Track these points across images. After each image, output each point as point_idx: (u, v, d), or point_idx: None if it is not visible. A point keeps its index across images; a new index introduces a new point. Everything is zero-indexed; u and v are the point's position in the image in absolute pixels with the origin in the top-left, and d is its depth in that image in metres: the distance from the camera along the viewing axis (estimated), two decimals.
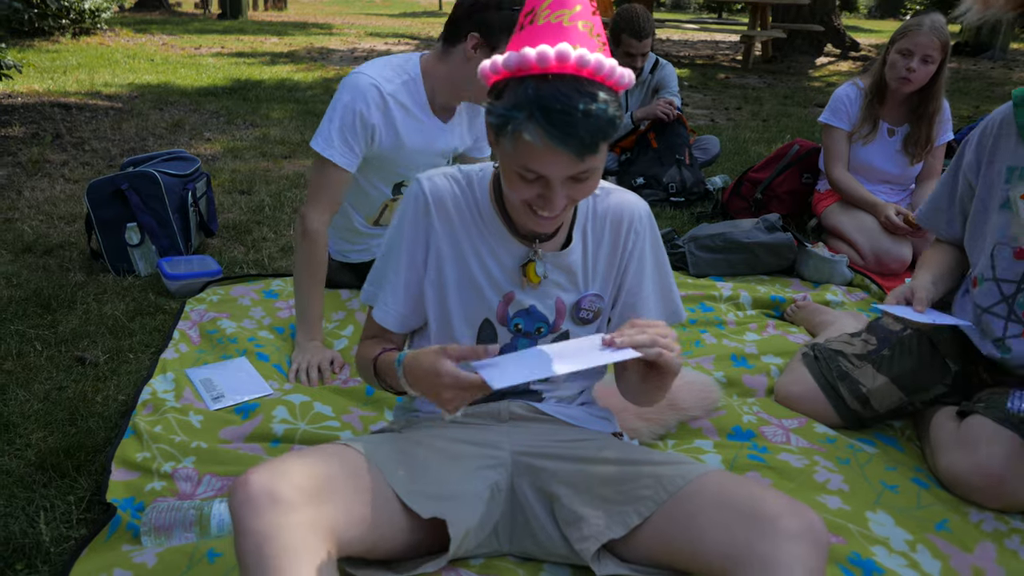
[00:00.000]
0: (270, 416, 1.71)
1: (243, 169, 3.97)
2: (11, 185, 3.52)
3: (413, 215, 1.27)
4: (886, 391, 1.74)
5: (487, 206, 1.26)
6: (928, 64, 2.70)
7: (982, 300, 1.66)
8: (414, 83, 1.99)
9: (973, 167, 1.72)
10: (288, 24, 14.03)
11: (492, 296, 1.28)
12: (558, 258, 1.27)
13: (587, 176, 1.09)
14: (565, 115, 1.00)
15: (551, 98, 1.00)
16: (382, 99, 1.93)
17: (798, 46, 10.27)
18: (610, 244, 1.30)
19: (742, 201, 3.35)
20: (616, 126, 1.05)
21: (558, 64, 1.01)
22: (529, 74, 1.03)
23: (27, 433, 1.69)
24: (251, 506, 0.98)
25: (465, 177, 1.28)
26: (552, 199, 1.09)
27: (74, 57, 7.95)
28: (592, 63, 1.01)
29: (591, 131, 1.01)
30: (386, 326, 1.32)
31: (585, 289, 1.30)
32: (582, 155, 1.03)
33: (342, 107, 1.92)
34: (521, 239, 1.26)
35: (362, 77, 1.93)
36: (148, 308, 2.30)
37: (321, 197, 1.98)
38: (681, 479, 1.17)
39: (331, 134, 1.93)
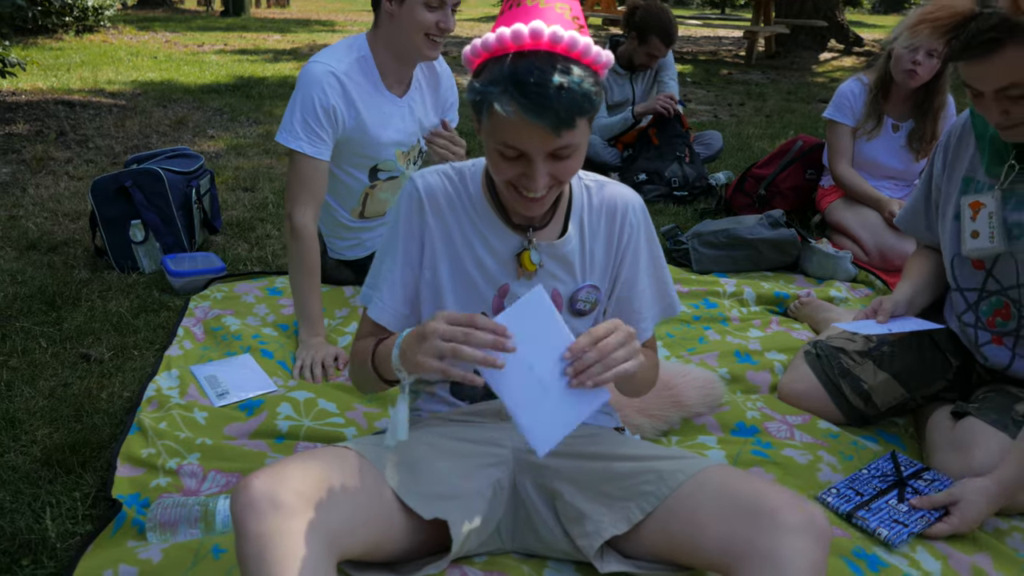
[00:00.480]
0: (274, 413, 1.72)
1: (246, 166, 3.97)
2: (15, 182, 3.53)
3: (407, 213, 1.28)
4: (888, 387, 1.74)
5: (480, 198, 1.26)
6: (933, 58, 2.69)
7: (955, 308, 1.68)
8: (365, 61, 2.03)
9: (940, 173, 1.70)
10: (291, 21, 14.02)
11: (487, 289, 1.28)
12: (553, 248, 1.27)
13: (568, 153, 1.09)
14: (538, 87, 1.01)
15: (525, 72, 1.02)
16: (337, 81, 1.97)
17: (801, 42, 10.24)
18: (606, 236, 1.31)
19: (745, 197, 3.34)
20: (593, 102, 1.05)
21: (532, 41, 1.03)
22: (507, 52, 1.05)
23: (33, 429, 1.70)
24: (252, 510, 0.99)
25: (457, 172, 1.29)
26: (534, 177, 1.09)
27: (78, 55, 7.96)
28: (566, 39, 1.03)
29: (566, 105, 1.02)
30: (382, 324, 1.30)
31: (582, 280, 1.30)
32: (558, 129, 1.04)
33: (300, 97, 1.96)
34: (515, 228, 1.26)
35: (315, 65, 1.97)
36: (152, 305, 2.31)
37: (300, 192, 1.99)
38: (682, 474, 1.17)
39: (294, 125, 1.96)
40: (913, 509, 1.45)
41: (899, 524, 1.42)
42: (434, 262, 1.28)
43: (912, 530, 1.40)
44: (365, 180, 2.16)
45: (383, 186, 2.19)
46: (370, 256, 2.32)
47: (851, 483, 1.53)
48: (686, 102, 4.23)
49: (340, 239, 2.32)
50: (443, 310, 1.10)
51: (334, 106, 1.96)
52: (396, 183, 2.21)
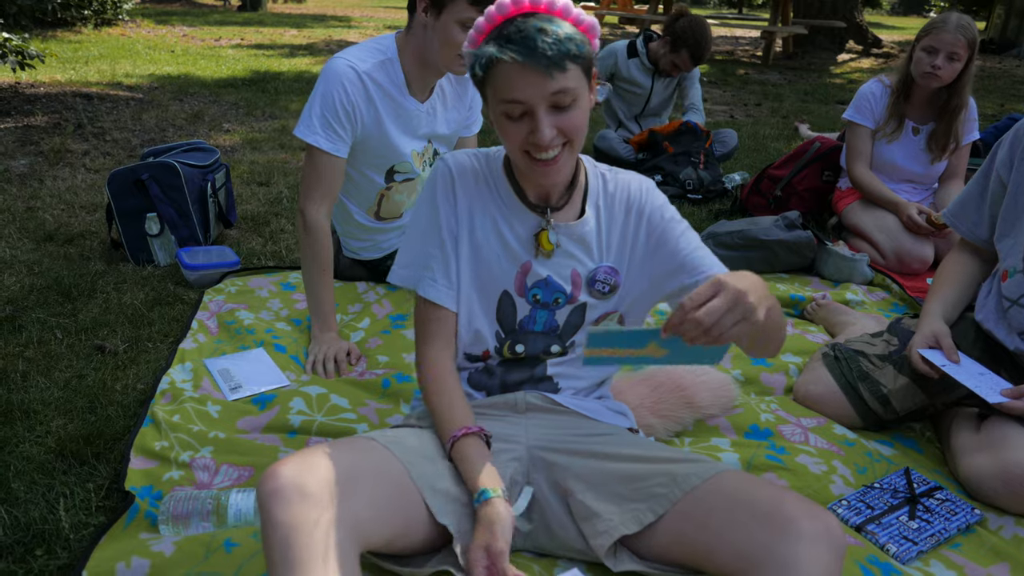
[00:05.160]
0: (287, 407, 1.72)
1: (262, 161, 3.98)
2: (33, 174, 3.56)
3: (443, 190, 1.32)
4: (907, 392, 1.72)
5: (502, 180, 1.32)
6: (954, 62, 2.66)
7: (1011, 292, 1.65)
8: (391, 63, 2.01)
9: (1006, 164, 1.71)
10: (307, 17, 14.06)
11: (509, 266, 1.31)
12: (571, 229, 1.30)
13: (567, 101, 1.15)
14: (522, 35, 1.11)
15: (512, 29, 1.12)
16: (359, 79, 1.95)
17: (819, 42, 10.16)
18: (622, 220, 1.33)
19: (761, 198, 3.32)
20: (580, 48, 1.14)
21: (515, 7, 1.14)
22: (495, 25, 1.15)
23: (47, 420, 1.70)
24: (280, 498, 0.99)
25: (483, 155, 1.35)
26: (540, 128, 1.14)
27: (96, 48, 8.01)
28: (544, 1, 1.14)
29: (551, 45, 1.10)
30: (445, 305, 1.32)
31: (600, 261, 1.32)
32: (550, 70, 1.11)
33: (321, 92, 1.95)
34: (533, 209, 1.30)
35: (338, 61, 1.96)
36: (167, 298, 2.32)
37: (314, 187, 1.98)
38: (696, 477, 1.16)
39: (312, 120, 1.95)
40: (924, 527, 1.43)
41: (908, 541, 1.40)
42: (464, 236, 1.32)
43: (921, 548, 1.39)
44: (381, 182, 2.15)
45: (398, 188, 2.18)
46: (385, 257, 2.32)
47: (863, 496, 1.51)
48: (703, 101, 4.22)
49: (355, 239, 2.32)
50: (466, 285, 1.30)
51: (354, 104, 1.95)
52: (411, 185, 2.20)
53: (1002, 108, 6.60)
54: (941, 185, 2.96)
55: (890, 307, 2.47)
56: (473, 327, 1.33)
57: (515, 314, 1.33)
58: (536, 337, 1.34)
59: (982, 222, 1.78)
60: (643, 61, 3.80)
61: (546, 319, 1.33)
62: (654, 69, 3.80)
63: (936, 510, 1.48)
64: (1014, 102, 7.02)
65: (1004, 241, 1.71)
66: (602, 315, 1.36)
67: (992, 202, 1.75)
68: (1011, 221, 1.69)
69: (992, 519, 1.50)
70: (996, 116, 5.97)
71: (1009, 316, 1.65)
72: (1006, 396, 1.54)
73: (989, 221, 1.77)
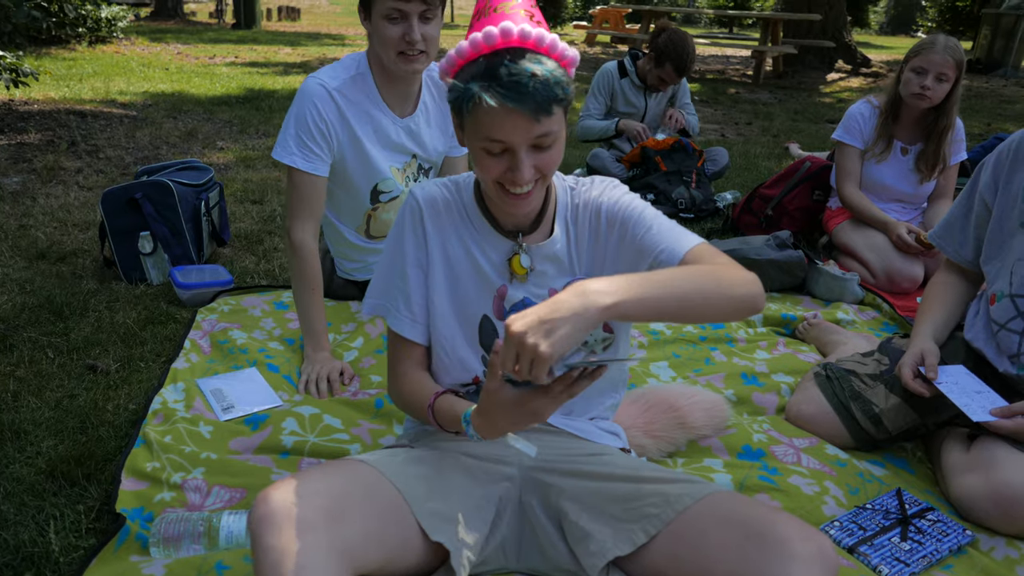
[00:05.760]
0: (279, 428, 1.71)
1: (255, 179, 3.99)
2: (26, 192, 3.55)
3: (411, 224, 1.32)
4: (899, 411, 1.73)
5: (472, 206, 1.32)
6: (943, 82, 2.70)
7: (999, 316, 1.66)
8: (362, 78, 2.03)
9: (990, 188, 1.73)
10: (301, 35, 14.13)
11: (485, 292, 1.32)
12: (542, 249, 1.31)
13: (549, 142, 1.14)
14: (513, 77, 1.08)
15: (500, 65, 1.09)
16: (330, 96, 1.98)
17: (809, 62, 10.28)
18: (590, 229, 1.33)
19: (752, 217, 3.34)
20: (565, 91, 1.11)
21: (503, 39, 1.10)
22: (481, 54, 1.12)
23: (38, 441, 1.69)
24: (271, 523, 0.99)
25: (453, 183, 1.35)
26: (519, 169, 1.14)
27: (90, 65, 8.03)
28: (533, 35, 1.11)
29: (541, 91, 1.08)
30: (411, 338, 1.33)
31: (573, 274, 1.33)
32: (537, 115, 1.09)
33: (295, 113, 1.98)
34: (506, 234, 1.30)
35: (309, 80, 1.99)
36: (160, 317, 2.32)
37: (297, 208, 2.00)
38: (689, 498, 1.16)
39: (288, 141, 1.98)
40: (916, 548, 1.44)
41: (900, 563, 1.40)
42: (437, 265, 1.32)
43: (914, 570, 1.39)
44: (367, 201, 2.16)
45: (385, 207, 2.19)
46: None
47: (855, 517, 1.52)
48: None
49: (348, 260, 2.32)
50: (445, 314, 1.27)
51: (327, 122, 1.97)
52: (398, 202, 2.20)
53: (989, 127, 6.68)
54: (930, 204, 2.99)
55: (881, 326, 2.49)
56: (457, 355, 1.33)
57: (497, 336, 1.33)
58: None
59: (967, 243, 1.80)
60: (633, 80, 3.85)
61: None
62: (644, 86, 3.85)
63: (928, 531, 1.48)
64: (1000, 121, 7.10)
65: (991, 264, 1.72)
66: None
67: (977, 224, 1.78)
68: (997, 244, 1.71)
69: (984, 540, 1.50)
70: (983, 135, 6.03)
71: (998, 339, 1.66)
72: (995, 415, 1.55)
73: (975, 243, 1.79)
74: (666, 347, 2.26)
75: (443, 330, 1.33)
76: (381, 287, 1.36)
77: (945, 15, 17.90)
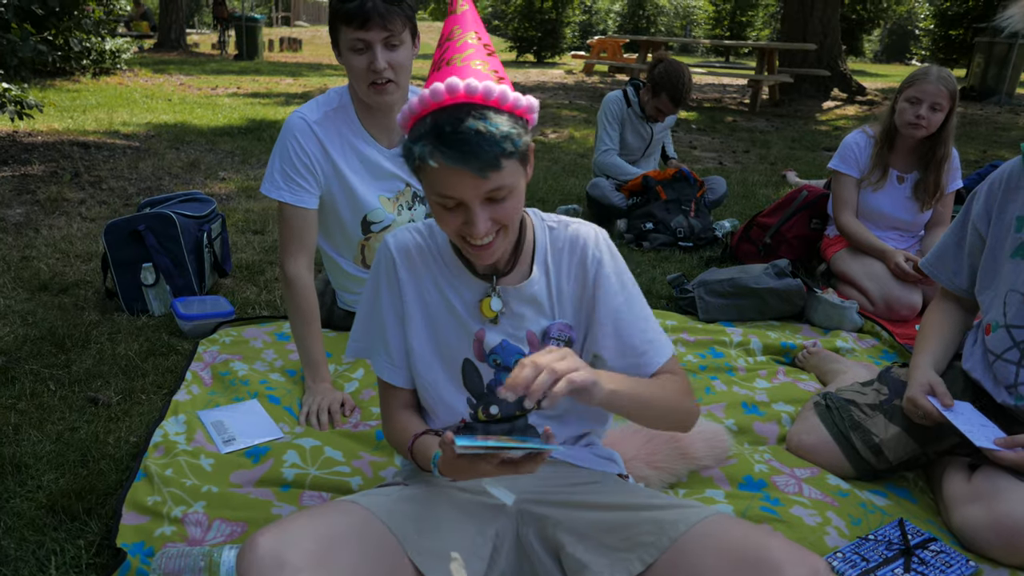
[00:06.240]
0: (280, 460, 1.71)
1: (257, 208, 4.02)
2: (29, 223, 3.58)
3: (386, 274, 1.33)
4: (899, 441, 1.73)
5: (447, 249, 1.31)
6: (937, 112, 2.73)
7: (994, 346, 1.67)
8: (344, 110, 2.06)
9: (983, 218, 1.74)
10: (302, 65, 14.30)
11: (464, 335, 1.31)
12: (520, 291, 1.30)
13: (502, 195, 1.12)
14: (456, 135, 1.05)
15: (444, 123, 1.06)
16: (310, 130, 2.01)
17: (805, 90, 10.40)
18: (574, 275, 1.32)
19: (751, 245, 3.36)
20: (515, 143, 1.09)
21: (449, 95, 1.07)
22: (429, 111, 1.10)
23: (39, 475, 1.69)
24: (258, 570, 0.99)
25: (427, 227, 1.35)
26: (474, 223, 1.13)
27: (94, 96, 8.12)
28: (480, 89, 1.08)
29: (485, 147, 1.06)
30: (393, 383, 1.36)
31: (554, 318, 1.32)
32: (484, 172, 1.07)
33: (279, 148, 2.03)
34: (481, 277, 1.30)
35: (291, 116, 2.04)
36: (161, 348, 2.32)
37: (289, 241, 2.04)
38: (683, 523, 1.16)
39: (275, 176, 2.03)
40: None
41: None
42: (414, 313, 1.32)
43: None
44: (359, 232, 2.17)
45: (377, 237, 2.20)
46: None
47: (857, 548, 1.51)
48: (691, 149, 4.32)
49: (348, 292, 2.34)
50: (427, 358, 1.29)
51: (310, 155, 2.01)
52: (391, 232, 2.21)
53: (984, 154, 6.73)
54: (927, 232, 3.02)
55: (880, 354, 2.50)
56: (442, 399, 1.33)
57: (481, 379, 1.33)
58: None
59: (961, 272, 1.81)
60: (636, 110, 3.90)
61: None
62: (644, 116, 3.91)
63: (931, 562, 1.48)
64: (996, 148, 7.16)
65: (985, 294, 1.74)
66: None
67: (971, 253, 1.79)
68: (991, 274, 1.72)
69: (987, 571, 1.49)
70: (979, 162, 6.08)
71: (995, 369, 1.67)
72: (999, 445, 1.55)
73: (969, 271, 1.80)
74: None
75: (426, 375, 1.33)
76: (361, 331, 1.39)
77: (939, 43, 18.12)
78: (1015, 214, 1.67)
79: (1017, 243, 1.65)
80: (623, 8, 27.81)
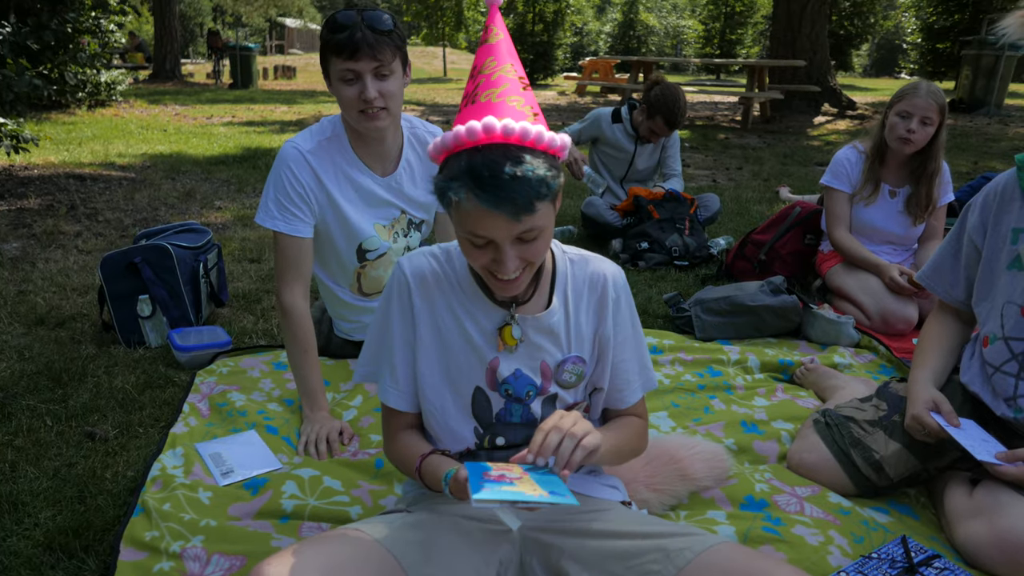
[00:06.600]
0: (279, 492, 1.70)
1: (253, 237, 4.03)
2: (25, 257, 3.58)
3: (398, 298, 1.32)
4: (900, 457, 1.72)
5: (465, 276, 1.31)
6: (927, 126, 2.76)
7: (993, 359, 1.67)
8: (337, 139, 2.07)
9: (978, 230, 1.74)
10: (297, 92, 14.40)
11: (478, 363, 1.31)
12: (539, 321, 1.30)
13: (533, 236, 1.13)
14: (494, 179, 1.05)
15: (480, 166, 1.06)
16: (303, 158, 2.03)
17: (796, 106, 10.49)
18: (591, 309, 1.34)
19: (746, 263, 3.38)
20: (550, 186, 1.09)
21: (485, 135, 1.07)
22: (464, 148, 1.09)
23: (35, 512, 1.68)
24: None
25: (444, 252, 1.34)
26: (503, 261, 1.14)
27: (89, 129, 8.16)
28: (517, 130, 1.08)
29: (521, 192, 1.06)
30: (397, 407, 1.35)
31: (568, 351, 1.33)
32: (518, 216, 1.08)
33: (273, 178, 2.04)
34: (499, 304, 1.30)
35: (285, 146, 2.05)
36: (158, 380, 2.32)
37: (284, 270, 2.04)
38: (690, 552, 1.16)
39: (269, 206, 2.04)
40: None
41: None
42: (427, 339, 1.32)
43: None
44: (354, 260, 2.17)
45: (373, 265, 2.20)
46: None
47: (861, 567, 1.50)
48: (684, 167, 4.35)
49: (344, 320, 2.33)
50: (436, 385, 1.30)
51: (303, 184, 2.02)
52: (386, 259, 2.21)
53: (976, 166, 6.78)
54: (920, 245, 3.03)
55: (878, 369, 2.50)
56: (448, 426, 1.33)
57: (490, 408, 1.33)
58: (515, 428, 1.34)
59: (958, 283, 1.82)
60: (626, 127, 3.95)
61: (522, 412, 1.33)
62: (636, 136, 3.95)
63: None
64: (987, 159, 7.22)
65: (982, 305, 1.74)
66: (571, 405, 1.36)
67: (967, 265, 1.79)
68: (987, 286, 1.72)
69: None
70: (971, 174, 6.12)
71: (993, 382, 1.67)
72: (1000, 459, 1.55)
73: (966, 283, 1.80)
74: (665, 396, 2.26)
75: (434, 401, 1.33)
76: (369, 355, 1.39)
77: (926, 57, 18.33)
78: (1010, 226, 1.68)
79: (1013, 255, 1.65)
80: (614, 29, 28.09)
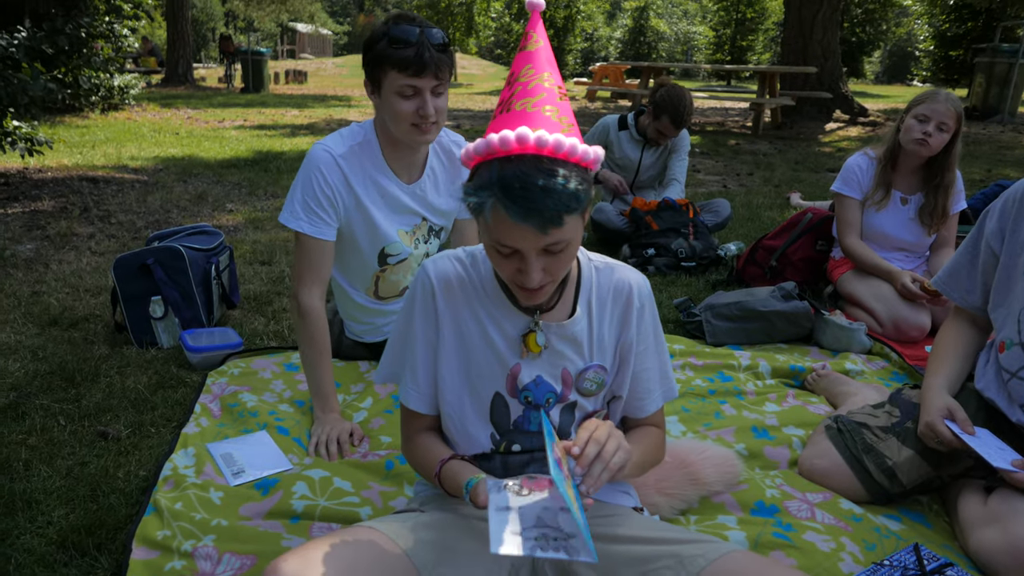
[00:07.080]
0: (290, 492, 1.71)
1: (264, 240, 4.05)
2: (39, 258, 3.61)
3: (422, 301, 1.32)
4: (913, 464, 1.71)
5: (490, 281, 1.31)
6: (943, 132, 2.75)
7: (1009, 364, 1.66)
8: (369, 145, 2.07)
9: (996, 236, 1.73)
10: (308, 97, 14.48)
11: (499, 369, 1.30)
12: (562, 329, 1.30)
13: (560, 248, 1.13)
14: (524, 191, 1.05)
15: (512, 177, 1.05)
16: (335, 163, 2.02)
17: (807, 112, 10.46)
18: (615, 318, 1.34)
19: (757, 268, 3.37)
20: (580, 199, 1.09)
21: (519, 145, 1.06)
22: (495, 157, 1.09)
23: (49, 510, 1.69)
24: None
25: (469, 256, 1.34)
26: (528, 272, 1.13)
27: (102, 132, 8.23)
28: (551, 143, 1.07)
29: (551, 205, 1.06)
30: (417, 410, 1.36)
31: (590, 360, 1.32)
32: (545, 228, 1.07)
33: (302, 179, 2.03)
34: (523, 310, 1.29)
35: (316, 147, 2.04)
36: (170, 381, 2.33)
37: (304, 272, 2.04)
38: (703, 559, 1.15)
39: (295, 206, 2.03)
40: None
41: None
42: (449, 343, 1.31)
43: None
44: (375, 264, 2.18)
45: (393, 269, 2.21)
46: (385, 340, 2.35)
47: (872, 574, 1.49)
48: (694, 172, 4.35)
49: (357, 322, 2.34)
50: (456, 389, 1.25)
51: (333, 188, 2.02)
52: (406, 264, 2.22)
53: (989, 173, 6.74)
54: (933, 253, 3.01)
55: (890, 375, 2.48)
56: (465, 431, 1.33)
57: (509, 415, 1.33)
58: (532, 436, 1.34)
59: (975, 289, 1.81)
60: (632, 134, 3.96)
61: (539, 420, 1.33)
62: (643, 140, 3.96)
63: None
64: (1000, 167, 7.18)
65: (998, 311, 1.73)
66: (589, 413, 1.35)
67: (984, 271, 1.78)
68: (1004, 292, 1.71)
69: None
70: (984, 182, 6.09)
71: (1009, 388, 1.65)
72: (1016, 467, 1.53)
73: (982, 289, 1.79)
74: (675, 401, 2.25)
75: (453, 403, 1.33)
76: (391, 357, 1.39)
77: (939, 64, 18.25)
78: None
79: None
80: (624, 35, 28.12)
